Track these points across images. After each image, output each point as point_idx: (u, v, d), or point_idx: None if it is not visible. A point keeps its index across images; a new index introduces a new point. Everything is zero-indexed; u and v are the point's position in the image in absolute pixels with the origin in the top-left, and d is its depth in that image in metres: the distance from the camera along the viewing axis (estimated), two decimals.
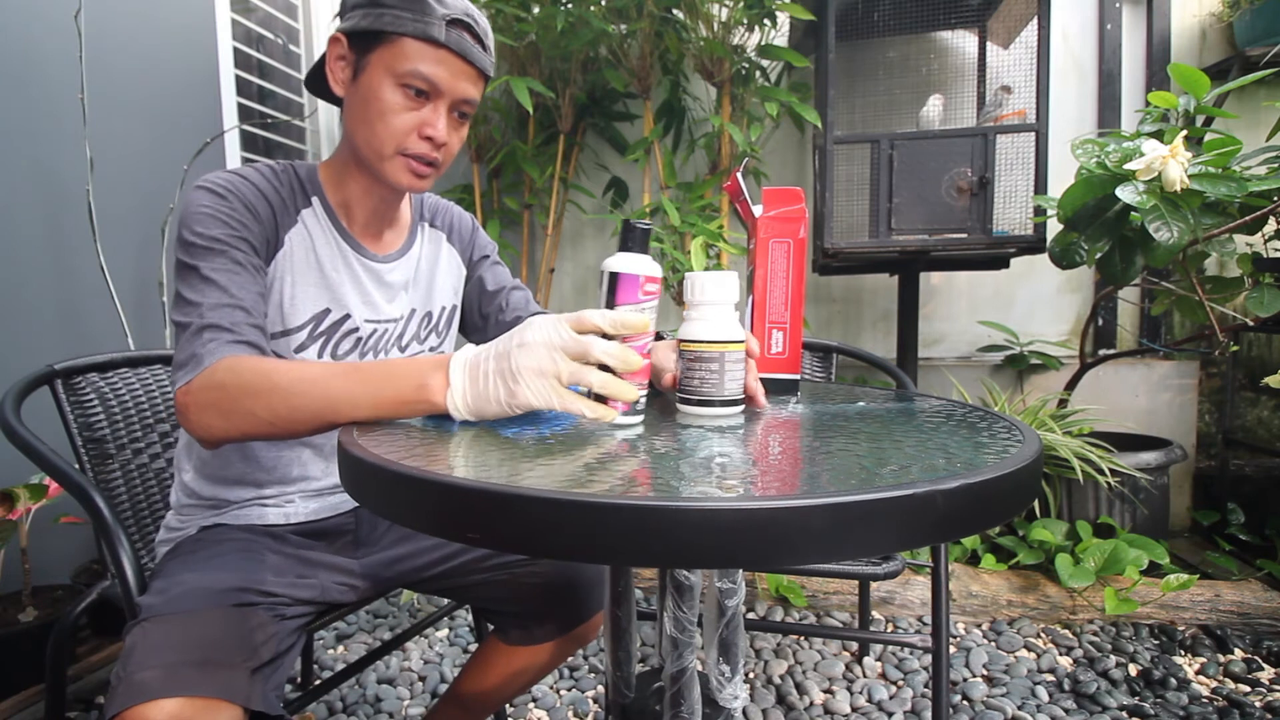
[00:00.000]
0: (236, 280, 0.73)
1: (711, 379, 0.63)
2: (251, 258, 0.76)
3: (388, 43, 0.75)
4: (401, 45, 0.75)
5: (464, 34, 0.77)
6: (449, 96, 0.78)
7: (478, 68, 0.79)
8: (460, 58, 0.77)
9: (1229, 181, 1.40)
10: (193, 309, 0.70)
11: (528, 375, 0.55)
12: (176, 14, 1.83)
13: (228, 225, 0.75)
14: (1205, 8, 2.24)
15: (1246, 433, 2.23)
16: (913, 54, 2.23)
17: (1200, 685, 1.48)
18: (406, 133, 0.78)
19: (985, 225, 1.85)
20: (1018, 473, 0.44)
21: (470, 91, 0.79)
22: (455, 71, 0.77)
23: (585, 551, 0.38)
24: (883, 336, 2.48)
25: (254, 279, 0.75)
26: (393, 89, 0.76)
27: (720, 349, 0.62)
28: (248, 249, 0.76)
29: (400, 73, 0.76)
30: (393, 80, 0.76)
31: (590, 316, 0.57)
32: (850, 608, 1.82)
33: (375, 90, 0.77)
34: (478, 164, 2.42)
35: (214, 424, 0.66)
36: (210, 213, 0.74)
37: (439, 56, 0.76)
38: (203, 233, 0.73)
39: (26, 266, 1.45)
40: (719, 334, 0.63)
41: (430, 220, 0.97)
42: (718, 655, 0.75)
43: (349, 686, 1.49)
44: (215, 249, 0.73)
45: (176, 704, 0.60)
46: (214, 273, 0.72)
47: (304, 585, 0.80)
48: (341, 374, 0.63)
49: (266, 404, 0.63)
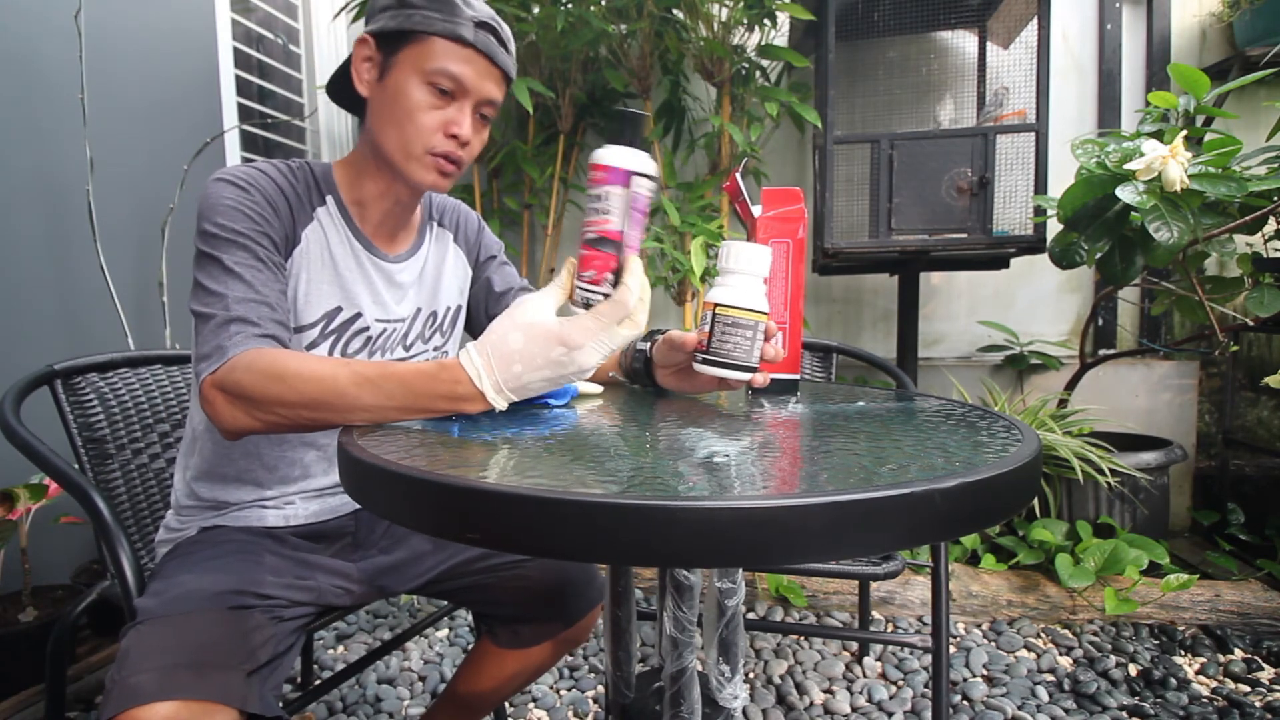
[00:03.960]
0: (260, 277, 0.73)
1: (744, 345, 0.66)
2: (273, 254, 0.76)
3: (416, 42, 0.76)
4: (430, 44, 0.76)
5: (490, 36, 0.78)
6: (474, 96, 0.79)
7: (502, 69, 0.81)
8: (486, 58, 0.78)
9: (1229, 181, 1.40)
10: (217, 300, 0.70)
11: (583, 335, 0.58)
12: (176, 14, 1.83)
13: (250, 219, 0.75)
14: (1205, 8, 2.24)
15: (1246, 433, 2.23)
16: (913, 54, 2.23)
17: (1200, 685, 1.48)
18: (433, 130, 0.78)
19: (985, 225, 1.85)
20: (1016, 472, 0.44)
21: (494, 92, 0.81)
22: (481, 72, 0.78)
23: (585, 551, 0.38)
24: (883, 336, 2.48)
25: (276, 277, 0.76)
26: (420, 87, 0.77)
27: (758, 318, 0.66)
28: (269, 245, 0.76)
29: (428, 71, 0.76)
30: (420, 78, 0.77)
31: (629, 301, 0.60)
32: (850, 608, 1.82)
33: (403, 88, 0.77)
34: (478, 164, 2.42)
35: (238, 415, 0.66)
36: (233, 204, 0.75)
37: (466, 56, 0.77)
38: (225, 224, 0.73)
39: (26, 266, 1.45)
40: (758, 303, 0.66)
41: (439, 220, 0.97)
42: (718, 655, 0.75)
43: (349, 686, 1.49)
44: (239, 242, 0.73)
45: (171, 707, 0.60)
46: (238, 266, 0.72)
47: (302, 587, 0.80)
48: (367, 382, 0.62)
49: (289, 399, 0.64)
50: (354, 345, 0.85)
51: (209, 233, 0.74)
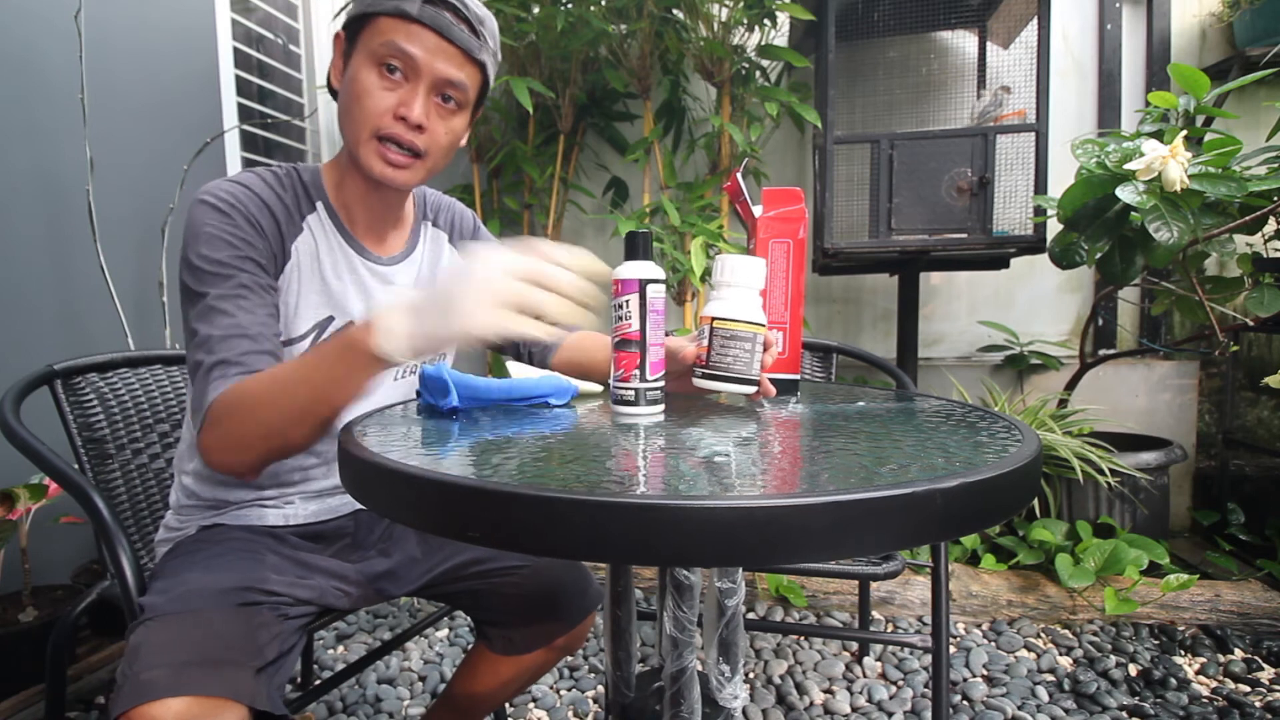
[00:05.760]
0: (244, 305, 0.72)
1: (744, 357, 0.66)
2: (259, 277, 0.75)
3: (368, 25, 0.75)
4: (377, 23, 0.74)
5: (443, 11, 0.75)
6: (427, 76, 0.75)
7: (459, 48, 0.76)
8: (437, 34, 0.74)
9: (1229, 181, 1.40)
10: (202, 346, 0.70)
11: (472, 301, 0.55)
12: (176, 14, 1.83)
13: (233, 246, 0.73)
14: (1205, 8, 2.24)
15: (1246, 433, 2.23)
16: (913, 54, 2.22)
17: (1200, 685, 1.48)
18: (381, 114, 0.75)
19: (985, 225, 1.85)
20: (1017, 472, 0.44)
21: (451, 72, 0.76)
22: (431, 49, 0.74)
23: (586, 551, 0.38)
24: (883, 336, 2.48)
25: (262, 300, 0.74)
26: (369, 69, 0.75)
27: (755, 330, 0.66)
28: (254, 268, 0.75)
29: (374, 49, 0.74)
30: (370, 61, 0.75)
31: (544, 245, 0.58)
32: (850, 608, 1.82)
33: (355, 74, 0.76)
34: (478, 164, 2.42)
35: (230, 460, 0.68)
36: (215, 233, 0.73)
37: (412, 31, 0.74)
38: (208, 255, 0.72)
39: (26, 266, 1.45)
40: (755, 315, 0.67)
41: (433, 219, 0.96)
42: (718, 655, 0.75)
43: (349, 686, 1.49)
44: (221, 274, 0.72)
45: (183, 703, 0.60)
46: (220, 300, 0.71)
47: (304, 585, 0.80)
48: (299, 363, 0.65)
49: (256, 422, 0.65)
50: None
51: (192, 265, 0.72)
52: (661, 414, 0.64)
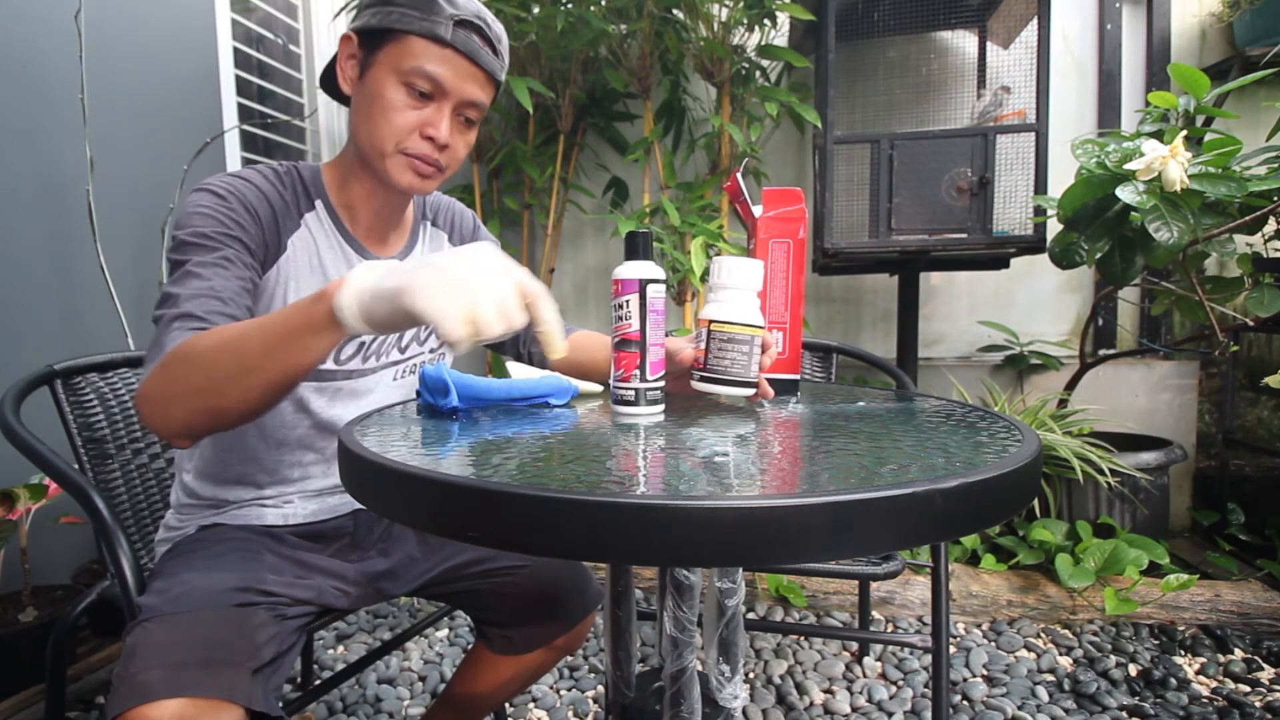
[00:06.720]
0: (221, 273, 0.71)
1: (741, 360, 0.66)
2: (243, 255, 0.74)
3: (395, 41, 0.75)
4: (408, 43, 0.75)
5: (472, 35, 0.76)
6: (453, 98, 0.77)
7: (485, 71, 0.78)
8: (466, 59, 0.76)
9: (1229, 181, 1.40)
10: (167, 302, 0.68)
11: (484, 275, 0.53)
12: (176, 14, 1.83)
13: (220, 223, 0.74)
14: (1205, 8, 2.24)
15: (1246, 433, 2.23)
16: (913, 54, 2.23)
17: (1200, 685, 1.48)
18: (408, 131, 0.77)
19: (985, 225, 1.85)
20: (1017, 472, 0.44)
21: (476, 94, 0.79)
22: (461, 72, 0.77)
23: (585, 551, 0.38)
24: (883, 336, 2.48)
25: (240, 274, 0.73)
26: (396, 87, 0.76)
27: (753, 332, 0.66)
28: (239, 247, 0.74)
29: (404, 70, 0.75)
30: (397, 78, 0.76)
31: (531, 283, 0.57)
32: (850, 608, 1.82)
33: (379, 87, 0.76)
34: (478, 164, 2.42)
35: (157, 414, 0.63)
36: (206, 212, 0.74)
37: (444, 56, 0.75)
38: (195, 229, 0.72)
39: (26, 266, 1.45)
40: (753, 318, 0.66)
41: (432, 219, 0.96)
42: (718, 655, 0.75)
43: (349, 686, 1.49)
44: (203, 244, 0.72)
45: (179, 704, 0.60)
46: (199, 266, 0.70)
47: (302, 586, 0.80)
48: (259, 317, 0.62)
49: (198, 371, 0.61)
50: (347, 350, 0.85)
51: (178, 239, 0.72)
52: (661, 414, 0.64)
